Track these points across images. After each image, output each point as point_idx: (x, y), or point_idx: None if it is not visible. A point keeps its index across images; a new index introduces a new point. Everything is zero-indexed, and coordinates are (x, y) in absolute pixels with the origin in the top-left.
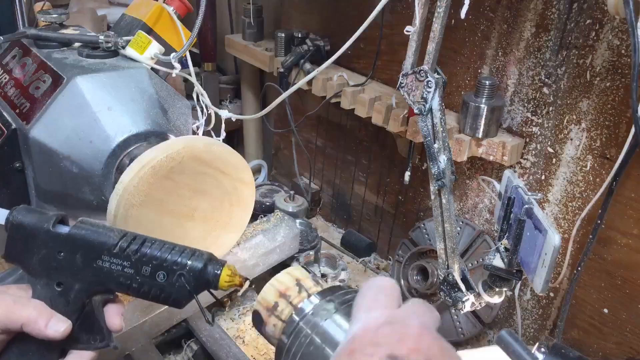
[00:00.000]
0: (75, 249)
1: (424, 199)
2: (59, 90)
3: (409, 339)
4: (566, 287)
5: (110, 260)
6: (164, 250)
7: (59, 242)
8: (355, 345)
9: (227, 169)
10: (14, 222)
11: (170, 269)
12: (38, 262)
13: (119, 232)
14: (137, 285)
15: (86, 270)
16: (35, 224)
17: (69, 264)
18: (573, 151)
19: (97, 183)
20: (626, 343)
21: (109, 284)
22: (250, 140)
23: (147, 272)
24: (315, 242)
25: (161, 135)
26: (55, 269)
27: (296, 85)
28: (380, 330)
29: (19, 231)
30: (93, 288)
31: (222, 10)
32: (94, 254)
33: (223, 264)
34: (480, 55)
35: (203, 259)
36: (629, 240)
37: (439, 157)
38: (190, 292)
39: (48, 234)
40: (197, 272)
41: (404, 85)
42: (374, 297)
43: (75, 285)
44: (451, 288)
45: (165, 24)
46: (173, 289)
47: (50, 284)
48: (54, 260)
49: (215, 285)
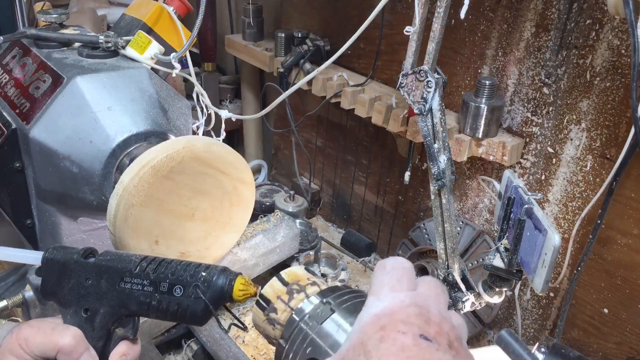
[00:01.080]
0: (100, 275)
1: (424, 199)
2: (59, 90)
3: (434, 323)
4: (566, 287)
5: (131, 281)
6: (180, 266)
7: (87, 270)
8: (385, 322)
9: (227, 169)
10: (49, 259)
11: (186, 283)
12: (68, 291)
13: (140, 256)
14: (156, 302)
15: (110, 293)
16: (66, 257)
17: (95, 289)
18: (573, 151)
19: (97, 183)
20: (626, 343)
21: (131, 304)
22: (250, 140)
23: (164, 288)
24: (315, 242)
25: (161, 135)
26: (83, 296)
27: (296, 85)
28: (408, 311)
29: (52, 266)
30: (117, 311)
31: (222, 10)
32: (117, 277)
33: (237, 274)
34: (480, 55)
35: (217, 270)
36: (629, 240)
37: (439, 157)
38: (206, 303)
39: (77, 263)
40: (211, 282)
41: (404, 85)
42: (398, 278)
43: (101, 310)
44: (451, 288)
45: (165, 24)
46: (189, 301)
47: (78, 311)
48: (82, 287)
49: (230, 296)
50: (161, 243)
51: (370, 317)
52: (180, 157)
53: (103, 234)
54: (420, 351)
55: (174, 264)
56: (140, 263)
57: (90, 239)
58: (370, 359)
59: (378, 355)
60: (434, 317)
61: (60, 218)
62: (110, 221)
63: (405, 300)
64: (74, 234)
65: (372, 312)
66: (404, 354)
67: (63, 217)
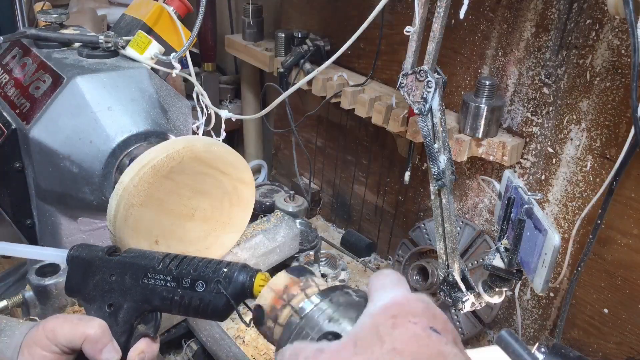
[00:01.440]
0: (124, 271)
1: (424, 199)
2: (59, 90)
3: (440, 319)
4: (566, 287)
5: (154, 276)
6: (202, 263)
7: (111, 267)
8: (396, 312)
9: (227, 169)
10: (74, 256)
11: (208, 278)
12: (93, 287)
13: (163, 253)
14: (179, 298)
15: (134, 288)
16: (92, 255)
17: (119, 285)
18: (573, 151)
19: (97, 183)
20: (626, 343)
21: (154, 299)
22: (250, 140)
23: (187, 284)
24: (315, 242)
25: (161, 135)
26: (108, 291)
27: (296, 85)
28: (417, 305)
29: (77, 263)
30: (140, 306)
31: (222, 10)
32: (141, 273)
33: (257, 271)
34: (480, 55)
35: (237, 267)
36: (629, 240)
37: (439, 157)
38: (227, 298)
39: (102, 260)
40: (232, 278)
41: (404, 85)
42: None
43: (124, 305)
44: (451, 288)
45: (165, 24)
46: (211, 296)
47: (102, 306)
48: (107, 283)
49: (250, 291)
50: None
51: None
52: (180, 157)
53: (103, 234)
54: (431, 342)
55: (195, 260)
56: (164, 260)
57: (90, 239)
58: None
59: (392, 340)
60: (439, 314)
61: (60, 218)
62: (110, 221)
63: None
64: (74, 234)
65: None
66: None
67: (63, 217)
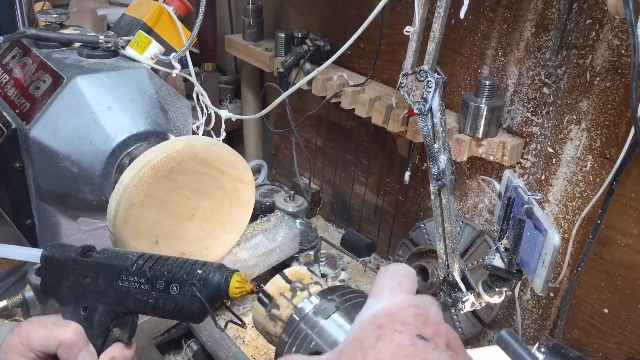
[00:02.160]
0: (98, 273)
1: (424, 199)
2: (59, 90)
3: (432, 324)
4: (566, 287)
5: (128, 279)
6: (176, 264)
7: (85, 268)
8: (383, 321)
9: (227, 169)
10: (47, 257)
11: (183, 280)
12: (67, 289)
13: (137, 254)
14: (153, 301)
15: (108, 291)
16: (65, 255)
17: (93, 287)
18: (573, 151)
19: (97, 183)
20: (626, 343)
21: (128, 302)
22: (250, 140)
23: (161, 286)
24: (315, 242)
25: (161, 135)
26: (82, 294)
27: (296, 85)
28: (407, 311)
29: (51, 264)
30: (114, 309)
31: (222, 10)
32: (115, 275)
33: (233, 271)
34: (480, 55)
35: (213, 267)
36: (629, 240)
37: (439, 157)
38: (202, 301)
39: (75, 261)
40: (207, 280)
41: (404, 85)
42: (399, 281)
43: (99, 308)
44: (451, 288)
45: (165, 24)
46: (186, 299)
47: (77, 309)
48: (80, 285)
49: (226, 293)
50: (161, 243)
51: (369, 316)
52: (180, 157)
53: (103, 234)
54: (416, 350)
55: (170, 261)
56: (137, 261)
57: (90, 239)
58: (366, 356)
59: (374, 353)
60: (433, 318)
61: (60, 218)
62: (110, 221)
63: (405, 301)
64: (74, 234)
65: (371, 311)
66: (400, 353)
67: (63, 217)
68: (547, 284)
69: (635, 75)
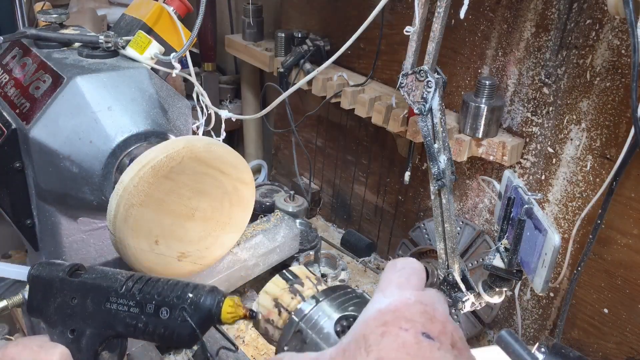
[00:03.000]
0: (86, 294)
1: (424, 199)
2: (59, 90)
3: (438, 322)
4: (566, 287)
5: (117, 301)
6: (167, 286)
7: (73, 289)
8: (389, 318)
9: (227, 169)
10: (34, 275)
11: (173, 304)
12: (54, 311)
13: (126, 274)
14: (143, 325)
15: (96, 313)
16: (52, 275)
17: (81, 309)
18: (573, 151)
19: (97, 183)
20: (626, 343)
21: (117, 326)
22: (250, 140)
23: (151, 310)
24: (315, 242)
25: (161, 135)
26: (70, 316)
27: (296, 85)
28: (413, 308)
29: (38, 283)
30: (103, 332)
31: (222, 10)
32: (103, 297)
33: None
34: (480, 55)
35: (204, 291)
36: (629, 240)
37: (439, 157)
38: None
39: (62, 281)
40: (199, 304)
41: (404, 85)
42: (407, 276)
43: (87, 331)
44: (451, 288)
45: (165, 24)
46: (176, 324)
47: (65, 331)
48: (68, 307)
49: (218, 318)
50: (161, 243)
51: (375, 312)
52: (180, 157)
53: (103, 234)
54: (420, 349)
55: (160, 283)
56: (127, 282)
57: (90, 239)
58: (370, 352)
59: (378, 350)
60: (439, 316)
61: (60, 218)
62: (110, 221)
63: (411, 298)
64: (74, 234)
65: (376, 307)
66: (404, 350)
67: (63, 217)
68: (547, 284)
69: (635, 75)
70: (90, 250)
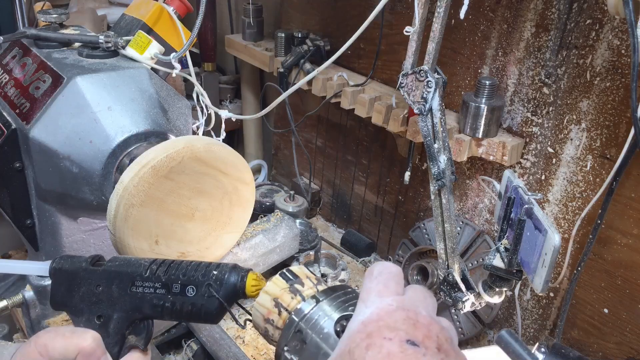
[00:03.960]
0: (111, 281)
1: (424, 199)
2: (59, 90)
3: (422, 326)
4: (566, 287)
5: (143, 284)
6: (190, 267)
7: (97, 277)
8: (372, 329)
9: (227, 169)
10: (56, 269)
11: (199, 282)
12: (79, 300)
13: (149, 260)
14: (170, 304)
15: (122, 298)
16: (75, 266)
17: (107, 295)
18: (573, 151)
19: (97, 183)
20: (626, 343)
21: (144, 308)
22: (250, 140)
23: (177, 290)
24: (315, 242)
25: (161, 135)
26: (95, 303)
27: (296, 85)
28: (395, 315)
29: (61, 276)
30: (130, 315)
31: (222, 10)
32: (128, 282)
33: (248, 270)
34: (480, 55)
35: (228, 268)
36: (629, 240)
37: (439, 157)
38: (220, 301)
39: (86, 271)
40: (224, 280)
41: (404, 85)
42: (385, 282)
43: (114, 315)
44: (451, 288)
45: (165, 24)
46: (203, 300)
47: (91, 318)
48: (93, 295)
49: (243, 292)
50: (161, 243)
51: (358, 325)
52: (180, 157)
53: (103, 234)
54: (406, 357)
55: (184, 264)
56: (150, 266)
57: (90, 239)
58: None
59: None
60: (422, 320)
61: (60, 218)
62: (110, 221)
63: (392, 304)
64: (74, 234)
65: (359, 319)
66: None
67: (63, 217)
68: (547, 284)
69: (635, 75)
70: (90, 250)
